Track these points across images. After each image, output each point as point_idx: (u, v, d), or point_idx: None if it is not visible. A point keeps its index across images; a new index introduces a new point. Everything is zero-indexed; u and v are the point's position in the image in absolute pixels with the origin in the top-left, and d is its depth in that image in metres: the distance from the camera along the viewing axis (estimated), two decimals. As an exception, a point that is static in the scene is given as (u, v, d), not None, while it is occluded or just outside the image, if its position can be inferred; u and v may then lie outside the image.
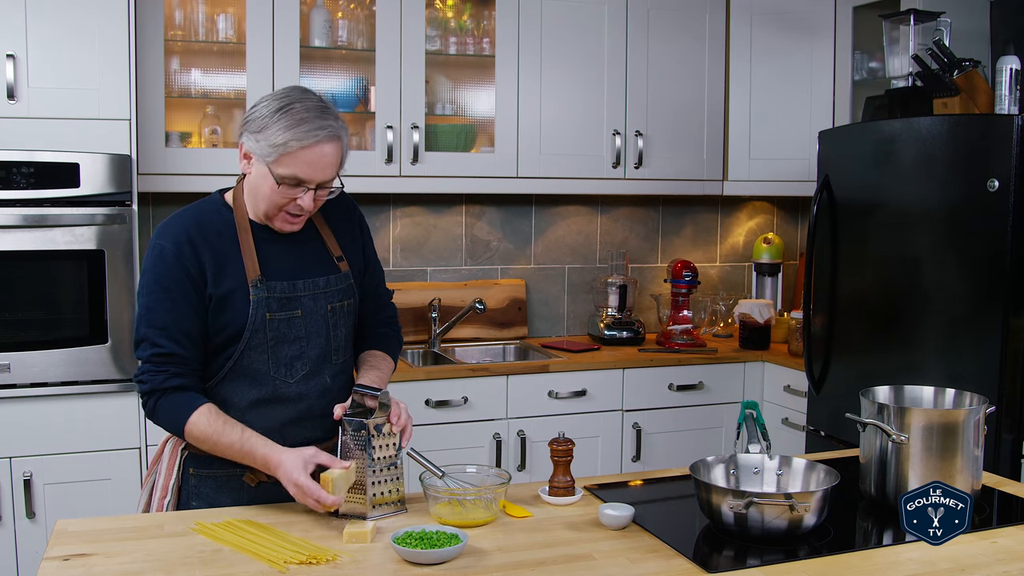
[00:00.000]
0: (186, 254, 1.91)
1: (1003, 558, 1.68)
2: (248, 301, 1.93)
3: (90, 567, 1.60)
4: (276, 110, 1.86)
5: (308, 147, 1.85)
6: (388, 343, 2.21)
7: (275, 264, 1.98)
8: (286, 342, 1.97)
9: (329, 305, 2.03)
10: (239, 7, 3.47)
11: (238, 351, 1.94)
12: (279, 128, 1.85)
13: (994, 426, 2.73)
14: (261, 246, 1.98)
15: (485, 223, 4.10)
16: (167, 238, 1.93)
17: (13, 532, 2.98)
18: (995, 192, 2.76)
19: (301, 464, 1.81)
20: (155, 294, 1.91)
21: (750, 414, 2.00)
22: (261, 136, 1.87)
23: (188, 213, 1.98)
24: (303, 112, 1.86)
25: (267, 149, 1.86)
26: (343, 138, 1.92)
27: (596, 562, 1.65)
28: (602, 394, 3.62)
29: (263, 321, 1.94)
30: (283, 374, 1.98)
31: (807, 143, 3.90)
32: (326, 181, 1.91)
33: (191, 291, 1.91)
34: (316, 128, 1.85)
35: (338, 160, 1.92)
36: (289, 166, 1.87)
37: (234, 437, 1.87)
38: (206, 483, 1.99)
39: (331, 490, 1.77)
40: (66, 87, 3.00)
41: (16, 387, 2.96)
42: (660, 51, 3.93)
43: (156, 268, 1.92)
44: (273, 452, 1.85)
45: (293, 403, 1.99)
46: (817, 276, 3.44)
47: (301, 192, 1.90)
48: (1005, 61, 3.00)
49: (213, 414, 1.88)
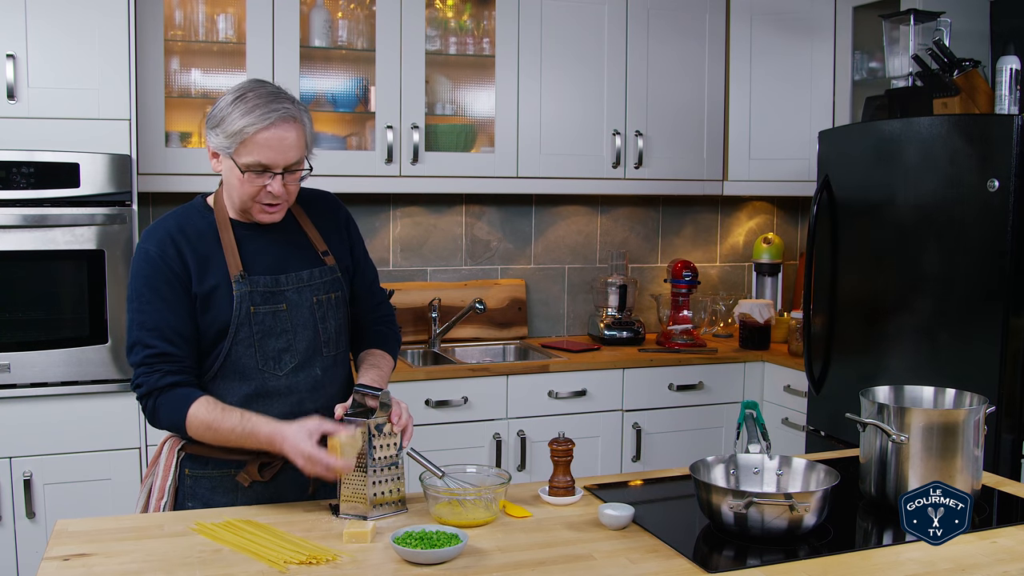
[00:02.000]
0: (170, 255, 1.94)
1: (1003, 558, 1.68)
2: (231, 297, 1.94)
3: (90, 567, 1.60)
4: (230, 102, 1.90)
5: (263, 130, 1.87)
6: (386, 341, 2.22)
7: (257, 260, 1.99)
8: (272, 335, 1.98)
9: (315, 297, 2.03)
10: (239, 7, 3.47)
11: (226, 347, 1.95)
12: (234, 118, 1.88)
13: (994, 426, 2.73)
14: (243, 243, 1.99)
15: (485, 223, 4.10)
16: (151, 242, 1.96)
17: (13, 532, 2.98)
18: (995, 192, 2.76)
19: (306, 434, 1.81)
20: (144, 296, 1.93)
21: (750, 414, 2.00)
22: (219, 129, 1.90)
23: (170, 218, 2.01)
24: (255, 99, 1.88)
25: (226, 141, 1.89)
26: (301, 119, 1.93)
27: (596, 562, 1.65)
28: (602, 394, 3.62)
29: (247, 315, 1.95)
30: (271, 367, 1.98)
31: (807, 143, 3.90)
32: (291, 164, 1.92)
33: (179, 290, 1.93)
34: (269, 111, 1.87)
35: (300, 142, 1.92)
36: (250, 152, 1.88)
37: (234, 421, 1.88)
38: (201, 483, 2.00)
39: (339, 454, 1.78)
40: (66, 87, 3.00)
41: (16, 387, 2.96)
42: (660, 51, 3.93)
43: (143, 271, 1.94)
44: (277, 427, 1.85)
45: (284, 396, 2.00)
46: (817, 276, 3.44)
47: (268, 179, 1.91)
48: (1005, 61, 3.00)
49: (211, 403, 1.90)
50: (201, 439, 1.93)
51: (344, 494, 1.86)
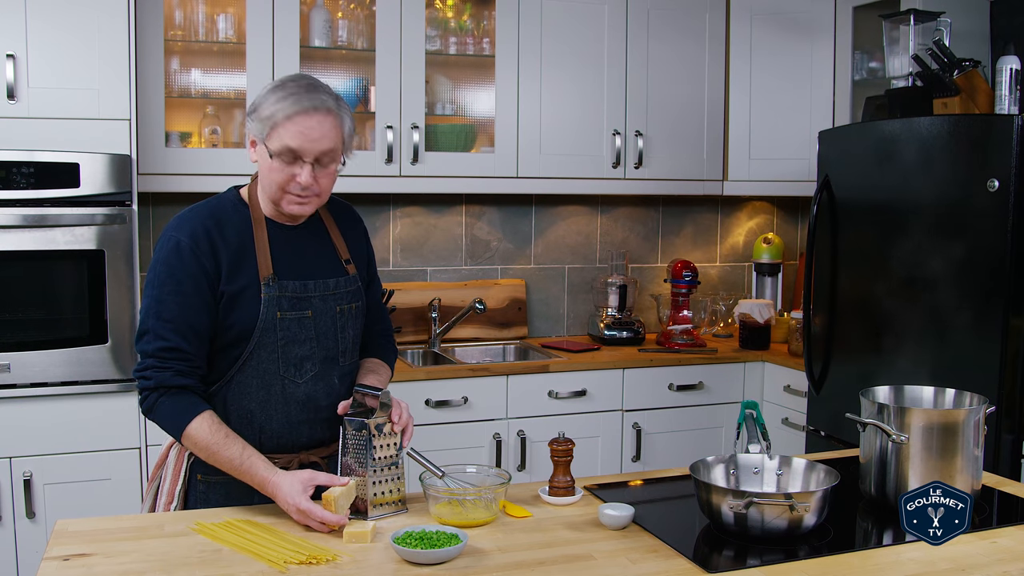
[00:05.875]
0: (203, 249, 1.90)
1: (1003, 558, 1.69)
2: (259, 299, 1.92)
3: (90, 567, 1.60)
4: (270, 90, 1.90)
5: (295, 115, 1.86)
6: (386, 354, 2.22)
7: (288, 263, 1.97)
8: (296, 342, 1.96)
9: (338, 307, 2.02)
10: (239, 7, 3.47)
11: (248, 350, 1.93)
12: (269, 103, 1.88)
13: (994, 426, 2.73)
14: (275, 244, 1.97)
15: (485, 223, 4.10)
16: (184, 232, 1.91)
17: (13, 532, 2.98)
18: (995, 192, 2.76)
19: (300, 488, 1.80)
20: (167, 287, 1.89)
21: (750, 414, 2.00)
22: (255, 115, 1.90)
23: (205, 208, 1.97)
24: (294, 88, 1.88)
25: (259, 125, 1.89)
26: (339, 113, 1.91)
27: (596, 562, 1.65)
28: (602, 394, 3.62)
29: (274, 320, 1.93)
30: (292, 374, 1.97)
31: (807, 143, 3.90)
32: (322, 153, 1.89)
33: (204, 287, 1.90)
34: (303, 98, 1.87)
35: (333, 134, 1.90)
36: (281, 138, 1.87)
37: (234, 453, 1.86)
38: (215, 489, 1.97)
39: (334, 509, 1.77)
40: (66, 87, 3.00)
41: (16, 387, 2.96)
42: (660, 51, 3.93)
43: (170, 261, 1.90)
44: (271, 476, 1.84)
45: (301, 404, 1.98)
46: (817, 276, 3.44)
47: (298, 167, 1.89)
48: (1005, 61, 3.00)
49: (215, 424, 1.87)
50: (194, 452, 1.91)
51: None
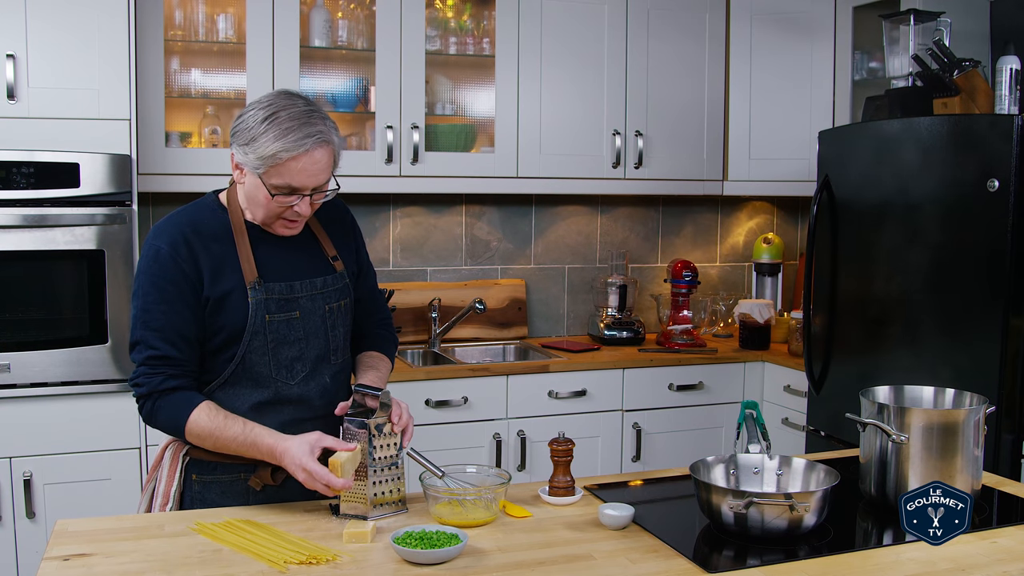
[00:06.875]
0: (183, 255, 1.90)
1: (1003, 558, 1.69)
2: (246, 303, 1.92)
3: (90, 567, 1.60)
4: (262, 120, 1.84)
5: (298, 156, 1.83)
6: (385, 345, 2.21)
7: (272, 266, 1.97)
8: (286, 344, 1.97)
9: (327, 306, 2.03)
10: (239, 7, 3.46)
11: (239, 354, 1.93)
12: (267, 140, 1.82)
13: (994, 426, 2.73)
14: (258, 248, 1.97)
15: (485, 223, 4.10)
16: (163, 239, 1.91)
17: (13, 532, 2.98)
18: (995, 192, 2.76)
19: (308, 449, 1.81)
20: (151, 296, 1.90)
21: (750, 414, 2.00)
22: (249, 149, 1.85)
23: (184, 214, 1.97)
24: (288, 121, 1.83)
25: (257, 162, 1.85)
26: (333, 140, 1.90)
27: (596, 562, 1.65)
28: (602, 394, 3.62)
29: (263, 323, 1.94)
30: (284, 376, 1.97)
31: (807, 143, 3.90)
32: (320, 186, 1.91)
33: (188, 293, 1.90)
34: (304, 136, 1.83)
35: (330, 163, 1.90)
36: (282, 176, 1.85)
37: (237, 430, 1.87)
38: (210, 489, 1.98)
39: (340, 473, 1.78)
40: (66, 87, 3.00)
41: (16, 387, 2.96)
42: (660, 51, 3.93)
43: (152, 270, 1.91)
44: (278, 440, 1.85)
45: (295, 405, 1.99)
46: (817, 276, 3.44)
47: (296, 199, 1.90)
48: (1005, 61, 3.00)
49: (213, 410, 1.88)
50: (200, 444, 1.92)
51: (344, 494, 1.86)
